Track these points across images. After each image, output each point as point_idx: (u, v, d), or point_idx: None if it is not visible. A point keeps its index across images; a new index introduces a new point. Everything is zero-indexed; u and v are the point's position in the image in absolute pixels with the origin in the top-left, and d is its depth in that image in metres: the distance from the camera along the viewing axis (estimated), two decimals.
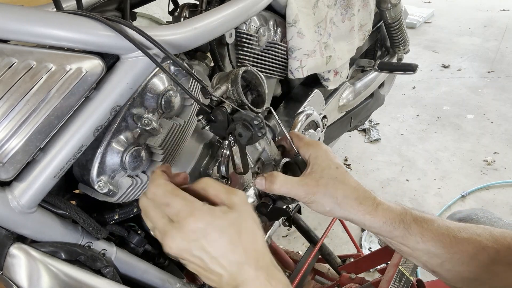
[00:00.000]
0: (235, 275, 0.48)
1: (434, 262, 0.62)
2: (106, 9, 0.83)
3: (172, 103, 0.73)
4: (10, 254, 0.58)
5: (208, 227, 0.47)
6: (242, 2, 0.85)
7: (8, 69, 0.54)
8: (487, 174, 2.17)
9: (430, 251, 0.62)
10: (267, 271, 0.49)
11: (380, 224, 0.62)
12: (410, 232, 0.62)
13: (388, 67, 1.63)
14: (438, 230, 0.62)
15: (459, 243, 0.61)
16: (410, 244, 0.62)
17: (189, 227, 0.47)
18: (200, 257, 0.48)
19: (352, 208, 0.62)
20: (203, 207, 0.48)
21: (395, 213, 0.62)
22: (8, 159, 0.54)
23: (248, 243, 0.49)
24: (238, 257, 0.48)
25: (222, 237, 0.48)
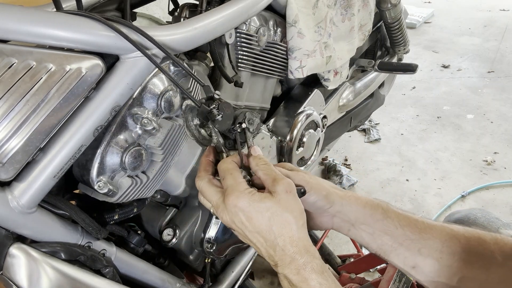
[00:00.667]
0: (271, 253, 0.56)
1: (412, 251, 0.64)
2: (106, 9, 0.83)
3: (172, 103, 0.73)
4: (10, 254, 0.58)
5: (246, 207, 0.56)
6: (242, 2, 0.85)
7: (8, 69, 0.54)
8: (487, 174, 2.17)
9: (407, 236, 0.63)
10: (301, 257, 0.55)
11: (361, 207, 0.65)
12: (389, 216, 0.65)
13: (388, 67, 1.63)
14: (411, 217, 0.65)
15: (432, 229, 0.64)
16: (390, 229, 0.64)
17: (230, 203, 0.57)
18: (242, 229, 0.58)
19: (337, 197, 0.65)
20: (245, 190, 0.57)
21: (372, 200, 0.66)
22: (8, 159, 0.54)
23: (281, 229, 0.56)
24: (271, 238, 0.56)
25: (257, 217, 0.56)
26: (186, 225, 0.92)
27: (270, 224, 0.56)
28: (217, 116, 0.62)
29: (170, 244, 0.89)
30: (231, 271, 1.07)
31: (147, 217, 0.94)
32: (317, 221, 0.69)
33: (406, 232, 0.64)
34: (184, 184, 0.88)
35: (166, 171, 0.78)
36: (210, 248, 0.93)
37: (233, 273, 1.07)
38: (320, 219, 0.68)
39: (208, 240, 0.92)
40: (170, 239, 0.89)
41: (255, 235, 0.57)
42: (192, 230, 0.93)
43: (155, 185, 0.76)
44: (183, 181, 0.88)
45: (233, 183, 0.58)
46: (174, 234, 0.90)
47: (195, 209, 0.95)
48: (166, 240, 0.89)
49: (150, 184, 0.75)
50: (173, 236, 0.90)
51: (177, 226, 0.91)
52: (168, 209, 0.95)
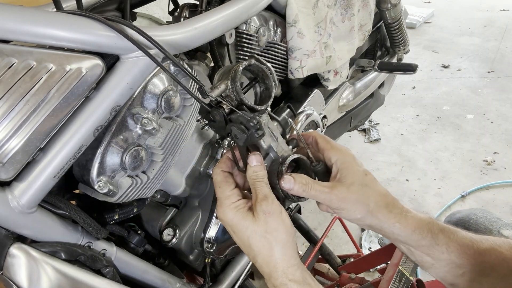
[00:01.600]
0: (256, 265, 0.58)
1: (455, 273, 0.61)
2: (106, 9, 0.83)
3: (172, 103, 0.73)
4: (10, 254, 0.58)
5: (229, 222, 0.58)
6: (242, 2, 0.85)
7: (8, 69, 0.54)
8: (487, 174, 2.17)
9: (453, 262, 0.61)
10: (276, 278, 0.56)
11: (409, 232, 0.61)
12: (437, 242, 0.61)
13: (388, 67, 1.63)
14: (462, 241, 0.61)
15: (482, 254, 0.60)
16: (435, 254, 0.61)
17: (219, 215, 0.59)
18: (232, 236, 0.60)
19: (383, 216, 0.60)
20: (231, 205, 0.58)
21: (423, 222, 0.61)
22: (8, 159, 0.54)
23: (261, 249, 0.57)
24: (252, 254, 0.58)
25: (239, 233, 0.58)
26: (186, 225, 0.92)
27: (249, 243, 0.57)
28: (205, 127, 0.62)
29: (170, 244, 0.89)
30: (231, 271, 1.07)
31: (147, 217, 0.94)
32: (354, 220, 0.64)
33: (452, 257, 0.61)
34: (184, 184, 0.88)
35: (166, 171, 0.78)
36: (210, 248, 0.93)
37: (233, 273, 1.07)
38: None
39: (208, 240, 0.92)
40: (170, 239, 0.89)
41: (242, 246, 0.59)
42: (192, 230, 0.93)
43: (155, 185, 0.76)
44: (183, 181, 0.88)
45: (221, 196, 0.59)
46: (174, 234, 0.90)
47: (195, 209, 0.95)
48: (166, 240, 0.89)
49: (150, 184, 0.75)
50: (173, 236, 0.90)
51: (177, 226, 0.91)
52: (168, 209, 0.95)
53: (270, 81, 0.60)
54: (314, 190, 0.59)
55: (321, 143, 0.64)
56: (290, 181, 0.59)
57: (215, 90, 0.56)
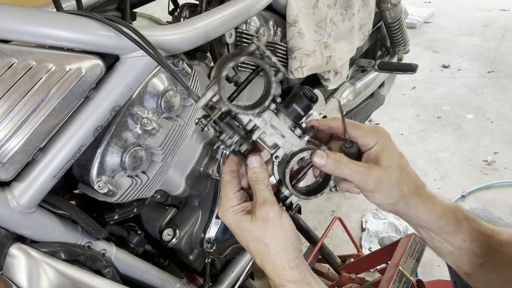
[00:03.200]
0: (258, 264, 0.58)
1: (474, 263, 0.61)
2: (106, 9, 0.83)
3: (171, 103, 0.73)
4: (10, 254, 0.58)
5: (229, 223, 0.58)
6: (242, 2, 0.85)
7: (8, 69, 0.54)
8: (487, 174, 2.17)
9: (474, 251, 0.60)
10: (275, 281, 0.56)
11: (435, 219, 0.60)
12: (461, 230, 0.60)
13: (388, 67, 1.63)
14: (485, 231, 0.60)
15: (503, 246, 0.60)
16: (457, 242, 0.60)
17: (219, 214, 0.59)
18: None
19: (413, 201, 0.59)
20: (231, 208, 0.58)
21: (450, 209, 0.60)
22: (8, 159, 0.54)
23: (256, 252, 0.57)
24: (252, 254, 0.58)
25: (238, 234, 0.58)
26: (186, 225, 0.92)
27: (247, 245, 0.58)
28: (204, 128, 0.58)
29: (170, 244, 0.89)
30: (231, 271, 1.07)
31: (147, 217, 0.94)
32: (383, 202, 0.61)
33: (473, 246, 0.60)
34: (184, 184, 0.88)
35: (166, 171, 0.77)
36: (210, 248, 0.93)
37: (233, 273, 1.07)
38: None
39: (208, 240, 0.92)
40: (170, 239, 0.89)
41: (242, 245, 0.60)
42: (192, 230, 0.93)
43: (155, 185, 0.76)
44: (183, 181, 0.88)
45: (222, 198, 0.59)
46: (174, 234, 0.90)
47: (195, 209, 0.95)
48: (166, 240, 0.89)
49: (150, 184, 0.75)
50: (173, 236, 0.90)
51: (177, 226, 0.91)
52: (168, 209, 0.95)
53: (268, 73, 0.54)
54: (349, 168, 0.56)
55: (352, 131, 0.59)
56: (323, 157, 0.55)
57: (202, 99, 0.53)
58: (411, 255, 1.16)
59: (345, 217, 1.88)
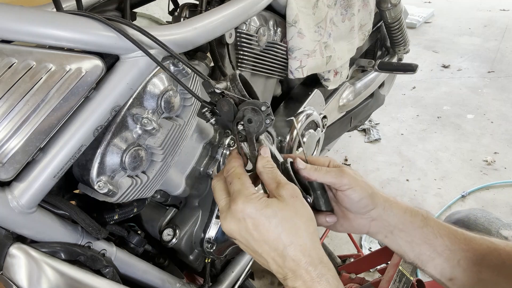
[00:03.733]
0: (280, 264, 0.51)
1: (452, 261, 0.62)
2: (106, 9, 0.83)
3: (172, 103, 0.73)
4: (10, 254, 0.58)
5: (253, 213, 0.51)
6: (242, 2, 0.85)
7: (8, 69, 0.54)
8: (487, 174, 2.17)
9: (447, 247, 0.62)
10: (315, 268, 0.50)
11: (401, 213, 0.64)
12: (429, 224, 0.63)
13: (388, 67, 1.63)
14: (451, 227, 0.64)
15: (473, 241, 0.62)
16: (429, 237, 0.62)
17: (238, 208, 0.52)
18: (247, 239, 0.52)
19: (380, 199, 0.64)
20: (253, 194, 0.53)
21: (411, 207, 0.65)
22: (8, 159, 0.54)
23: (291, 236, 0.51)
24: (281, 247, 0.51)
25: (265, 224, 0.51)
26: (186, 225, 0.92)
27: (278, 232, 0.51)
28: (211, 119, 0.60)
29: (170, 244, 0.89)
30: (231, 271, 1.07)
31: (147, 217, 0.94)
32: (354, 223, 0.66)
33: (445, 242, 0.62)
34: (184, 184, 0.88)
35: (166, 171, 0.78)
36: (210, 248, 0.93)
37: (233, 273, 1.07)
38: (358, 221, 0.65)
39: (208, 240, 0.92)
40: (170, 239, 0.89)
41: (261, 245, 0.52)
42: (192, 230, 0.93)
43: (155, 185, 0.76)
44: (183, 181, 0.88)
45: (241, 188, 0.54)
46: (174, 234, 0.90)
47: (195, 209, 0.95)
48: (166, 240, 0.89)
49: (150, 184, 0.75)
50: (173, 236, 0.90)
51: (177, 226, 0.91)
52: (168, 209, 0.95)
53: None
54: (325, 170, 0.62)
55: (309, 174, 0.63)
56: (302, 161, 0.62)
57: (220, 84, 0.56)
58: None
59: None
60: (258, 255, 0.53)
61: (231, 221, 0.53)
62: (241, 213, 0.51)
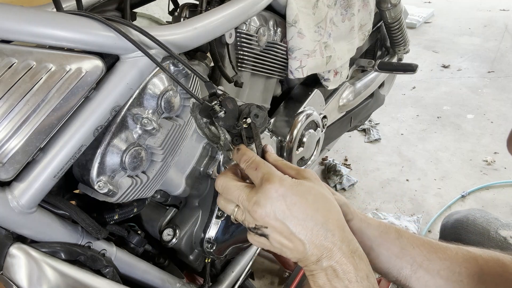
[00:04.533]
0: (318, 243, 0.49)
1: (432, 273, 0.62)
2: (106, 9, 0.83)
3: (172, 103, 0.73)
4: (10, 254, 0.58)
5: (288, 191, 0.50)
6: (242, 2, 0.85)
7: (8, 69, 0.54)
8: (487, 174, 2.17)
9: (425, 256, 0.62)
10: (349, 244, 0.50)
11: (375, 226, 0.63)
12: (402, 235, 0.63)
13: (388, 67, 1.63)
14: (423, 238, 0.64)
15: (447, 250, 0.62)
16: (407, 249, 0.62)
17: (272, 189, 0.49)
18: (283, 221, 0.49)
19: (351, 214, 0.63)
20: (284, 175, 0.52)
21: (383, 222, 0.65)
22: (8, 159, 0.54)
23: (327, 212, 0.51)
24: (319, 223, 0.49)
25: (301, 202, 0.50)
26: (186, 225, 0.92)
27: (316, 208, 0.50)
28: (219, 113, 0.58)
29: (170, 244, 0.89)
30: (231, 271, 1.07)
31: (147, 217, 0.94)
32: None
33: (423, 251, 0.62)
34: (184, 184, 0.88)
35: (166, 171, 0.78)
36: (210, 248, 0.93)
37: (233, 273, 1.07)
38: None
39: (208, 240, 0.92)
40: (170, 239, 0.89)
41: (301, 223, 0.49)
42: (192, 230, 0.93)
43: (155, 185, 0.76)
44: (183, 181, 0.88)
45: (270, 170, 0.52)
46: (174, 234, 0.90)
47: (195, 209, 0.95)
48: (166, 240, 0.89)
49: (150, 184, 0.75)
50: (173, 236, 0.90)
51: (177, 226, 0.91)
52: (168, 209, 0.95)
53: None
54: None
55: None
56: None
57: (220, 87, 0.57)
58: None
59: None
60: (293, 238, 0.50)
61: (266, 203, 0.50)
62: (276, 193, 0.49)
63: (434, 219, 1.90)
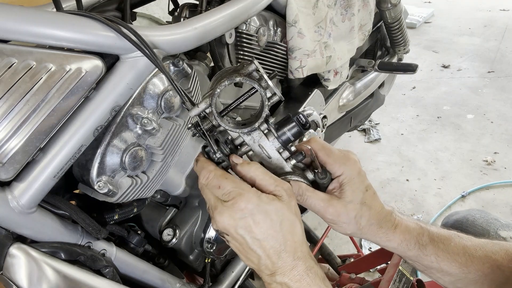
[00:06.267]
0: (273, 260, 0.52)
1: (447, 280, 0.63)
2: (106, 9, 0.83)
3: (171, 103, 0.73)
4: (10, 254, 0.58)
5: (254, 209, 0.50)
6: (242, 2, 0.85)
7: (8, 69, 0.54)
8: (487, 174, 2.17)
9: (443, 270, 0.62)
10: (305, 262, 0.52)
11: (395, 245, 0.63)
12: (425, 253, 0.62)
13: (388, 67, 1.63)
14: (454, 250, 0.62)
15: (474, 263, 0.61)
16: (425, 263, 0.63)
17: (238, 206, 0.50)
18: (243, 236, 0.51)
19: (372, 232, 0.62)
20: (251, 190, 0.52)
21: (412, 234, 0.63)
22: (8, 159, 0.54)
23: (288, 233, 0.52)
24: (277, 244, 0.52)
25: (265, 221, 0.51)
26: (186, 225, 0.92)
27: (279, 229, 0.51)
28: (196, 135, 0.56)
29: (170, 244, 0.89)
30: (231, 271, 1.07)
31: (147, 217, 0.94)
32: None
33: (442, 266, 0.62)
34: (184, 184, 0.88)
35: (166, 171, 0.78)
36: (210, 248, 0.93)
37: (233, 273, 1.07)
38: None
39: (208, 240, 0.92)
40: (170, 239, 0.89)
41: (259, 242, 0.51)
42: (192, 230, 0.93)
43: (155, 185, 0.76)
44: (183, 181, 0.88)
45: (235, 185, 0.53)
46: (174, 234, 0.90)
47: (195, 209, 0.95)
48: (166, 240, 0.89)
49: (150, 184, 0.75)
50: (173, 236, 0.90)
51: (177, 226, 0.91)
52: (168, 209, 0.95)
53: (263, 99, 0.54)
54: (310, 201, 0.60)
55: (322, 156, 0.61)
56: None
57: (195, 109, 0.53)
58: None
59: None
60: (249, 252, 0.52)
61: (229, 216, 0.51)
62: (241, 211, 0.50)
63: (434, 219, 1.90)
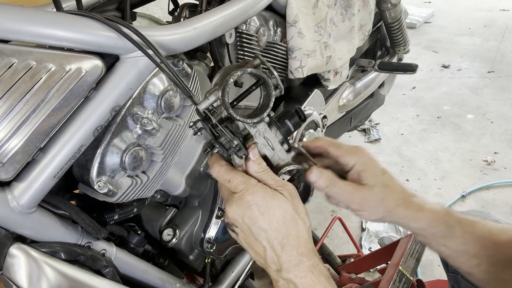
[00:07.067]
0: (278, 253, 0.53)
1: (472, 263, 0.63)
2: (106, 9, 0.83)
3: (171, 103, 0.73)
4: (10, 254, 0.58)
5: (260, 200, 0.53)
6: (242, 2, 0.85)
7: (8, 69, 0.54)
8: (487, 174, 2.17)
9: (469, 253, 0.62)
10: (309, 259, 0.53)
11: (424, 226, 0.63)
12: (453, 234, 0.63)
13: (388, 67, 1.63)
14: (479, 233, 0.63)
15: (499, 246, 0.62)
16: (451, 245, 0.63)
17: (245, 197, 0.54)
18: (249, 225, 0.54)
19: (400, 213, 0.62)
20: (258, 183, 0.55)
21: (439, 215, 0.63)
22: (8, 159, 0.54)
23: (291, 227, 0.54)
24: (280, 236, 0.53)
25: (269, 213, 0.53)
26: (186, 225, 0.92)
27: (281, 222, 0.54)
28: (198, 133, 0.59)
29: (170, 244, 0.89)
30: (231, 271, 1.07)
31: (147, 217, 0.94)
32: None
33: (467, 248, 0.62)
34: (184, 184, 0.88)
35: (166, 171, 0.77)
36: (210, 248, 0.93)
37: (233, 273, 1.07)
38: None
39: (208, 240, 0.92)
40: (170, 239, 0.89)
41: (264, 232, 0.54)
42: (192, 230, 0.93)
43: (155, 185, 0.76)
44: (183, 181, 0.88)
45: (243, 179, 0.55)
46: (174, 234, 0.90)
47: (195, 209, 0.95)
48: (166, 240, 0.89)
49: (150, 184, 0.75)
50: (173, 236, 0.90)
51: (177, 226, 0.91)
52: (168, 209, 0.95)
53: (269, 88, 0.57)
54: (338, 188, 0.60)
55: (333, 151, 0.63)
56: (317, 174, 0.60)
57: (204, 102, 0.54)
58: (411, 255, 1.16)
59: (345, 217, 1.88)
60: (256, 242, 0.55)
61: (238, 207, 0.54)
62: (248, 202, 0.53)
63: None
